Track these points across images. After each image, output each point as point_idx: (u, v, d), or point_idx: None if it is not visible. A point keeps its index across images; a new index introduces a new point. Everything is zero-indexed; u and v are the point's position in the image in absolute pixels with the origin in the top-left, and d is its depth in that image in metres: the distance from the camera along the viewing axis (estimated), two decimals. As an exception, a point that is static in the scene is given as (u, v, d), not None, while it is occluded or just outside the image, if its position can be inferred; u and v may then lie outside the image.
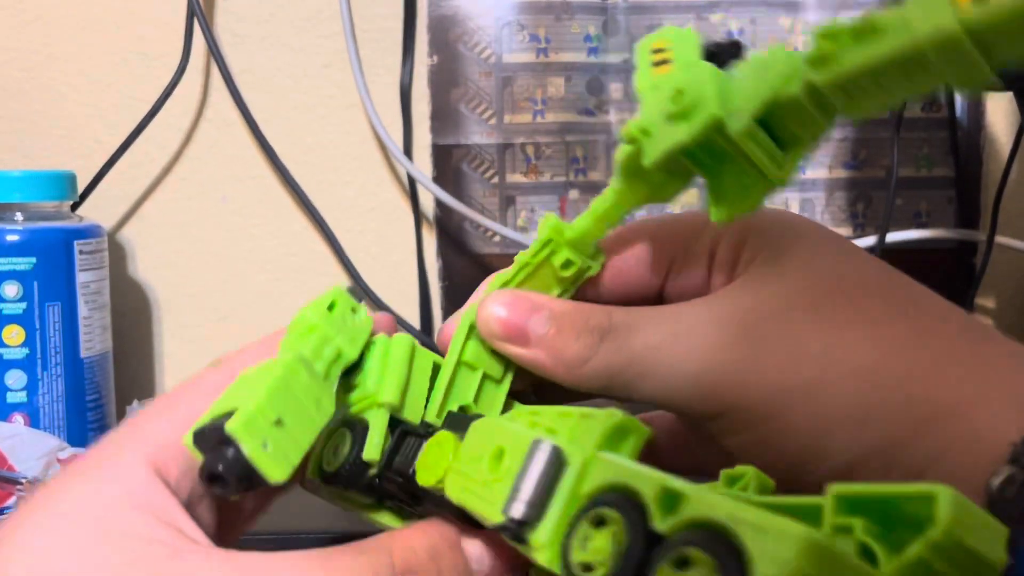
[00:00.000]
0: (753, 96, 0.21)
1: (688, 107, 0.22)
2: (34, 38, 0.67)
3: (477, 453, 0.22)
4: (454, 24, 0.65)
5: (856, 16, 0.19)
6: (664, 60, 0.24)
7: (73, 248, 0.56)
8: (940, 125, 0.65)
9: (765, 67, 0.21)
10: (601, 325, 0.25)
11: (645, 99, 0.24)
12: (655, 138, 0.23)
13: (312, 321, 0.25)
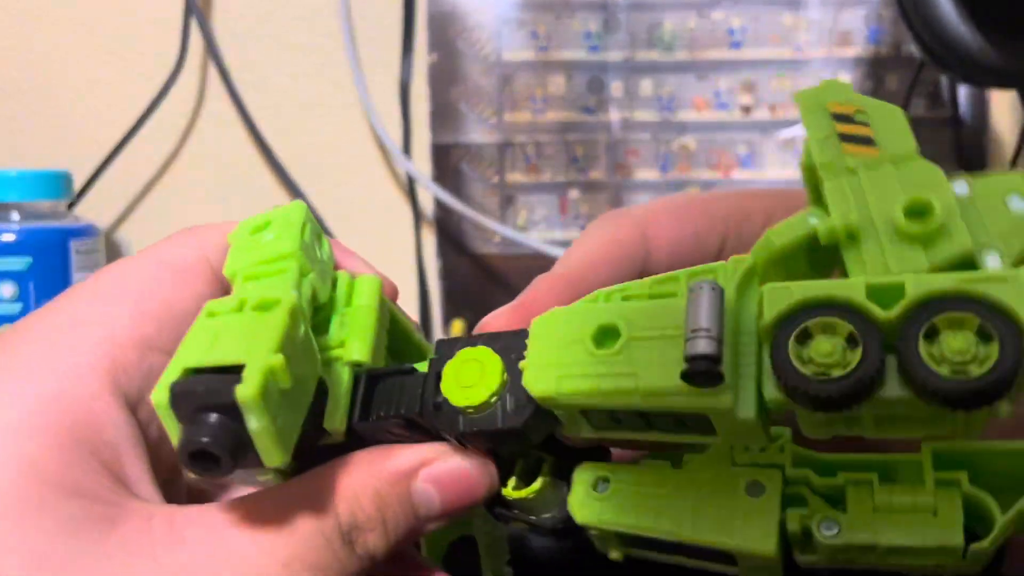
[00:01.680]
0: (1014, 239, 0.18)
1: (935, 233, 0.17)
2: (30, 36, 0.67)
3: (559, 343, 0.19)
4: (454, 21, 0.65)
5: None
6: (862, 137, 0.20)
7: (69, 248, 0.56)
8: (944, 124, 0.64)
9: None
10: None
11: (835, 183, 0.19)
12: (871, 254, 0.18)
13: (288, 249, 0.21)
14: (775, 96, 0.64)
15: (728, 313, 0.18)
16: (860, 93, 0.21)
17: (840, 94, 0.21)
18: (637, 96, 0.65)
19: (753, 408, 0.17)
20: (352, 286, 0.23)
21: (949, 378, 0.16)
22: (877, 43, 0.64)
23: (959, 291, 0.16)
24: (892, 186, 0.18)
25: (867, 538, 0.18)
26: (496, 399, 0.20)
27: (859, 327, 0.16)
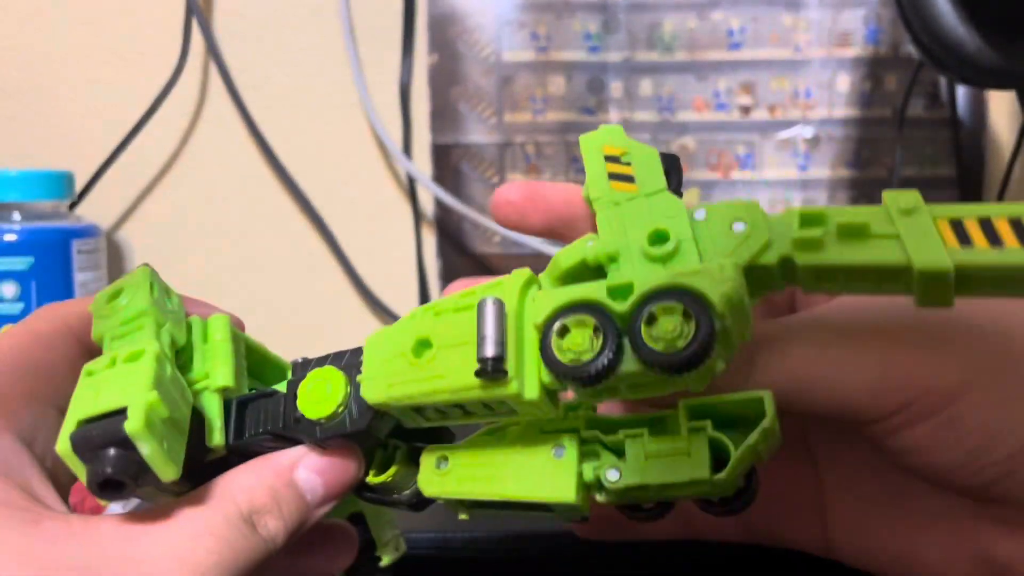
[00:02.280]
0: (736, 257, 0.21)
1: (670, 254, 0.22)
2: (32, 37, 0.67)
3: (386, 357, 0.24)
4: (454, 22, 0.65)
5: (845, 209, 0.21)
6: (624, 175, 0.24)
7: (71, 248, 0.56)
8: (943, 124, 0.65)
9: (746, 235, 0.22)
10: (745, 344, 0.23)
11: (604, 214, 0.24)
12: (625, 271, 0.22)
13: (142, 307, 0.24)
14: (774, 97, 0.65)
15: (512, 318, 0.22)
16: (631, 138, 0.26)
17: (614, 139, 0.25)
18: (637, 96, 0.65)
19: (537, 391, 0.22)
20: (205, 326, 0.26)
21: (663, 352, 0.20)
22: (876, 43, 0.64)
23: (669, 284, 0.21)
24: (644, 216, 0.23)
25: (640, 480, 0.23)
26: (343, 409, 0.24)
27: (600, 320, 0.21)
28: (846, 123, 0.65)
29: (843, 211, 0.21)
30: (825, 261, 0.21)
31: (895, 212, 0.20)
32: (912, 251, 0.20)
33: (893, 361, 0.23)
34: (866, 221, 0.21)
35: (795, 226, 0.21)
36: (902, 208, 0.20)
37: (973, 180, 0.65)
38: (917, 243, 0.20)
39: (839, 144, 0.65)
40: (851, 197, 0.65)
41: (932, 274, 0.20)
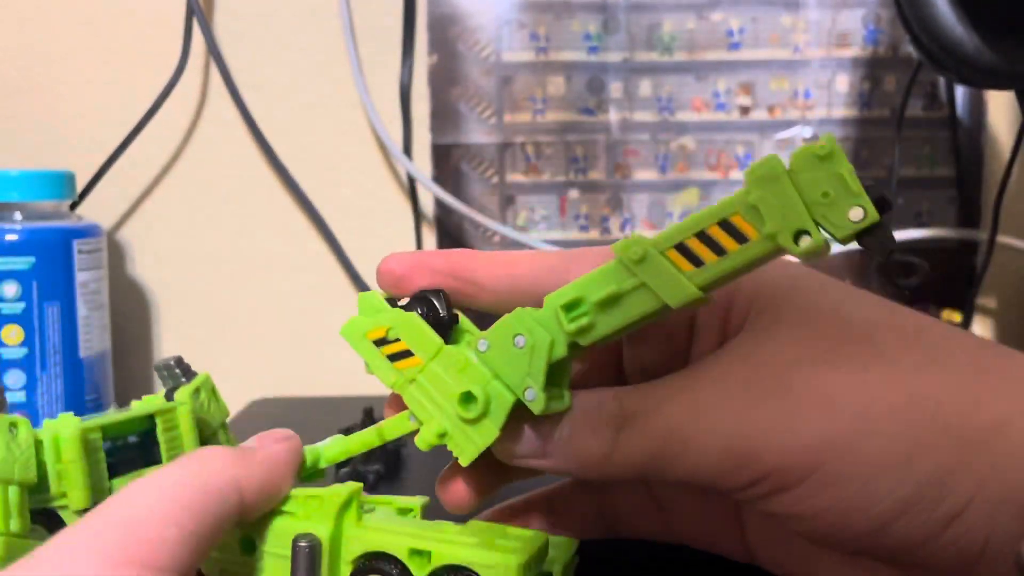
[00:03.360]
0: (534, 371, 0.23)
1: (485, 409, 0.24)
2: (33, 37, 0.67)
3: (226, 541, 0.25)
4: (454, 23, 0.65)
5: (591, 280, 0.23)
6: (402, 352, 0.25)
7: (72, 248, 0.56)
8: (941, 125, 0.65)
9: (531, 346, 0.23)
10: (613, 415, 0.24)
11: (409, 398, 0.25)
12: (464, 442, 0.24)
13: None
14: (774, 97, 0.65)
15: (327, 543, 0.24)
16: (391, 297, 0.27)
17: (373, 317, 0.26)
18: (636, 97, 0.65)
19: None
20: (55, 439, 0.25)
21: None
22: (875, 44, 0.64)
23: (460, 563, 0.23)
24: (441, 382, 0.25)
25: None
26: None
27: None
28: (845, 123, 0.65)
29: (591, 284, 0.23)
30: (601, 334, 0.23)
31: (630, 264, 0.22)
32: (662, 293, 0.22)
33: (742, 432, 0.23)
34: (614, 288, 0.22)
35: (563, 320, 0.23)
36: (634, 259, 0.22)
37: (972, 180, 0.65)
38: (662, 283, 0.22)
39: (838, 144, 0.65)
40: (850, 197, 0.65)
41: (685, 304, 0.22)
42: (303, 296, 0.68)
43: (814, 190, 0.21)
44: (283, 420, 0.60)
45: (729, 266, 0.21)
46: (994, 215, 0.61)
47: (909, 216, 0.65)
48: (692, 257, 0.22)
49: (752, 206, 0.21)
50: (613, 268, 0.23)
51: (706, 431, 0.23)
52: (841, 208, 0.21)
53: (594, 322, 0.23)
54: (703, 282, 0.22)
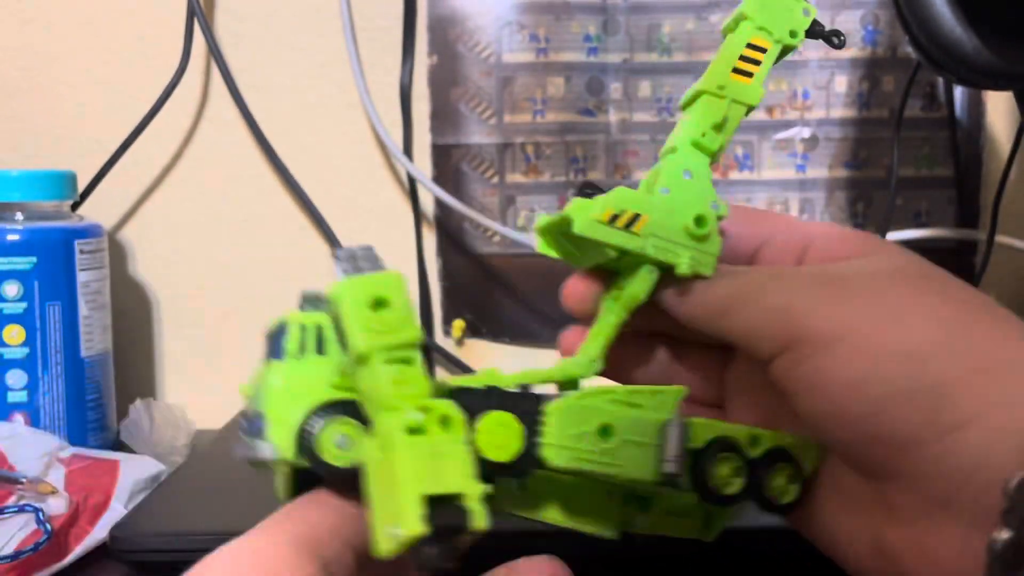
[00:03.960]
0: (707, 188, 0.30)
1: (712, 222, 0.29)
2: (34, 37, 0.67)
3: (571, 431, 0.26)
4: (454, 24, 0.65)
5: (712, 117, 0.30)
6: (631, 219, 0.29)
7: (73, 248, 0.57)
8: (940, 125, 0.65)
9: (697, 174, 0.30)
10: (723, 268, 0.29)
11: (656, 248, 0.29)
12: (703, 258, 0.29)
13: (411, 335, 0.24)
14: (772, 98, 0.65)
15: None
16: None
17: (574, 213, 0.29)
18: (636, 98, 0.65)
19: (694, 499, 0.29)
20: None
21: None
22: (873, 44, 0.65)
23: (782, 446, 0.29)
24: (669, 220, 0.29)
25: None
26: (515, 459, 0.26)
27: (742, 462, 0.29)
28: (844, 124, 0.65)
29: (707, 118, 0.30)
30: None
31: (717, 90, 0.31)
32: (746, 100, 0.31)
33: (784, 307, 0.26)
34: (720, 114, 0.31)
35: (706, 143, 0.30)
36: (721, 85, 0.31)
37: (971, 180, 0.65)
38: (742, 95, 0.31)
39: (837, 145, 0.65)
40: (849, 197, 0.65)
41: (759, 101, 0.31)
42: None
43: (780, 5, 0.31)
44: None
45: (765, 69, 0.31)
46: (993, 215, 0.61)
47: (908, 216, 0.65)
48: (745, 73, 0.31)
49: (761, 27, 0.31)
50: (707, 100, 0.30)
51: (778, 289, 0.27)
52: (798, 11, 0.31)
53: (721, 138, 0.30)
54: (759, 83, 0.31)
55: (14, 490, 0.47)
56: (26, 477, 0.48)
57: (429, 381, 0.23)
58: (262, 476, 0.29)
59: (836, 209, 0.65)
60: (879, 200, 0.65)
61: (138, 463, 0.52)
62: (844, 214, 0.65)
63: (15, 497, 0.47)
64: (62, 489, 0.48)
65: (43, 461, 0.50)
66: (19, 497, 0.47)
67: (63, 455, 0.51)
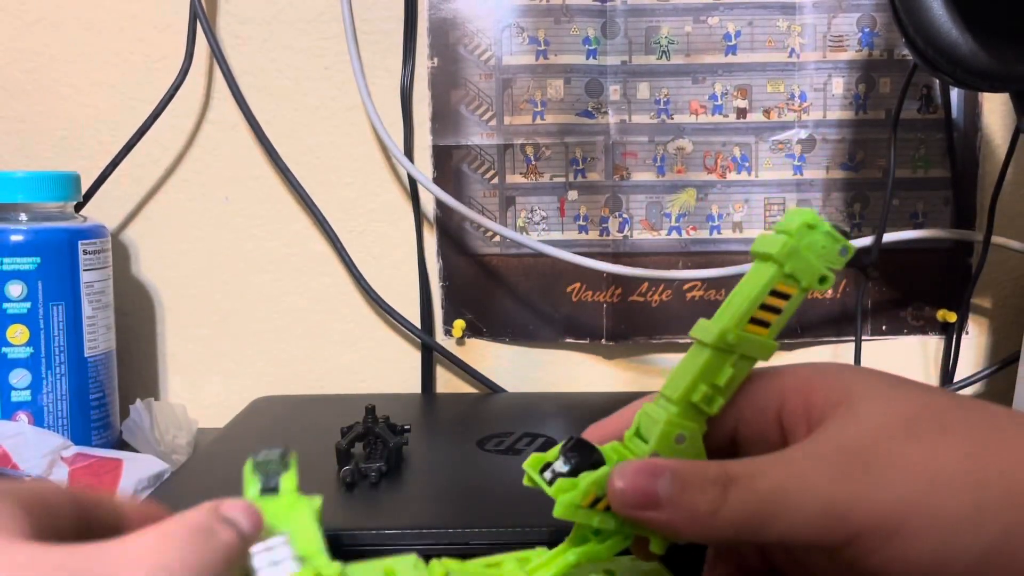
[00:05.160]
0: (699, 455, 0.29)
1: None
2: (37, 39, 0.68)
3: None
4: (454, 27, 0.66)
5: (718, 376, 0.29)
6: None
7: (77, 248, 0.57)
8: (937, 126, 0.65)
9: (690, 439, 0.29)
10: (721, 475, 0.27)
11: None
12: None
13: None
14: (770, 99, 0.65)
15: None
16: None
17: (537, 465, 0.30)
18: (635, 99, 0.66)
19: None
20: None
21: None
22: (870, 47, 0.65)
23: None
24: None
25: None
26: None
27: None
28: (841, 125, 0.65)
29: (708, 374, 0.29)
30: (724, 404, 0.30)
31: (727, 346, 0.29)
32: (756, 355, 0.29)
33: (836, 497, 0.26)
34: (730, 371, 0.29)
35: (704, 408, 0.29)
36: (731, 342, 0.29)
37: (967, 181, 0.66)
38: (754, 349, 0.29)
39: (834, 146, 0.66)
40: (846, 198, 0.66)
41: (771, 355, 0.29)
42: (305, 296, 0.69)
43: (815, 248, 0.29)
44: (284, 419, 0.61)
45: (785, 318, 0.29)
46: (989, 216, 0.61)
47: (905, 217, 0.66)
48: (762, 323, 0.29)
49: (788, 275, 0.29)
50: (712, 356, 0.29)
51: (806, 491, 0.26)
52: (834, 252, 0.29)
53: (722, 399, 0.29)
54: (774, 335, 0.29)
55: (19, 488, 0.47)
56: (30, 476, 0.48)
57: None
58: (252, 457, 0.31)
59: (833, 210, 0.66)
60: (876, 201, 0.65)
61: (141, 462, 0.52)
62: (841, 215, 0.66)
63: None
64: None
65: (47, 460, 0.51)
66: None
67: (66, 454, 0.52)
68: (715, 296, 0.66)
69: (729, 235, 0.66)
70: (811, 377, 0.29)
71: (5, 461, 0.50)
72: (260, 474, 0.30)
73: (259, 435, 0.57)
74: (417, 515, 0.42)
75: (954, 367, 0.66)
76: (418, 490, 0.44)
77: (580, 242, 0.66)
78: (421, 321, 0.68)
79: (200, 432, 0.62)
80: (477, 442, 0.51)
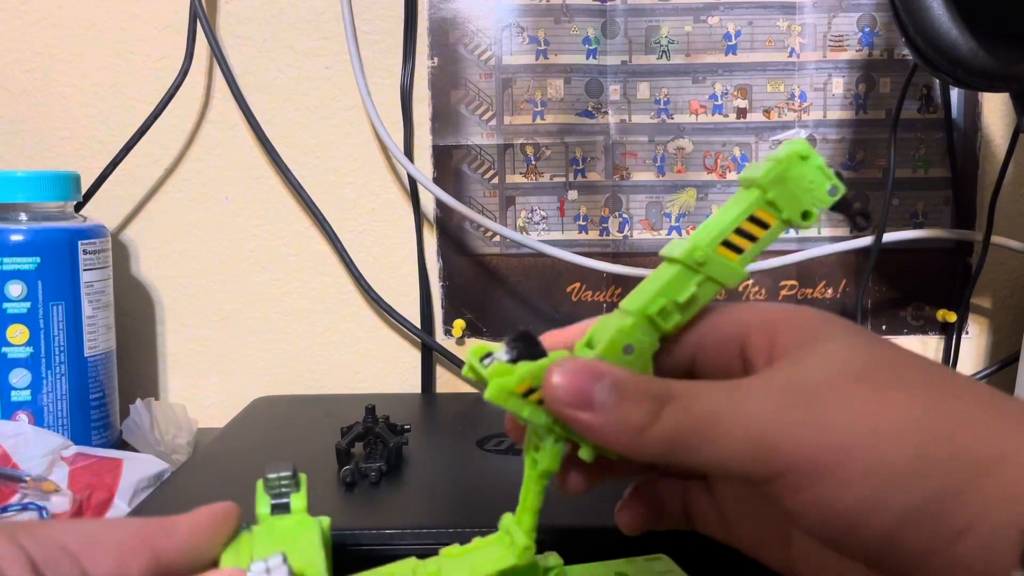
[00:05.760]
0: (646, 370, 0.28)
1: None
2: (38, 40, 0.68)
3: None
4: (454, 26, 0.66)
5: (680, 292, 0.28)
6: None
7: (77, 248, 0.57)
8: (937, 126, 0.65)
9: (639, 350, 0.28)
10: (662, 392, 0.26)
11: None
12: None
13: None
14: (770, 99, 0.65)
15: None
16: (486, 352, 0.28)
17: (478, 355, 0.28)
18: (635, 99, 0.66)
19: None
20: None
21: None
22: (870, 47, 0.65)
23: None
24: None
25: None
26: None
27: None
28: (841, 125, 0.65)
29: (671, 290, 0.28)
30: (684, 323, 0.29)
31: (695, 265, 0.28)
32: (723, 280, 0.28)
33: (772, 428, 0.25)
34: (693, 289, 0.28)
35: (659, 322, 0.28)
36: (699, 261, 0.28)
37: (967, 181, 0.66)
38: (721, 273, 0.28)
39: (834, 146, 0.66)
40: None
41: (740, 283, 0.28)
42: (305, 296, 0.69)
43: (804, 181, 0.27)
44: (283, 419, 0.61)
45: (760, 247, 0.28)
46: (989, 216, 0.61)
47: (905, 217, 0.66)
48: (735, 247, 0.28)
49: (770, 201, 0.27)
50: (679, 272, 0.28)
51: (741, 417, 0.25)
52: (822, 189, 0.27)
53: (680, 317, 0.28)
54: (745, 263, 0.28)
55: (18, 488, 0.47)
56: (30, 475, 0.48)
57: None
58: (262, 475, 0.31)
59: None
60: (876, 201, 0.65)
61: (141, 462, 0.52)
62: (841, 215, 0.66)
63: (19, 495, 0.47)
64: (65, 487, 0.48)
65: (47, 460, 0.51)
66: (23, 495, 0.47)
67: (66, 454, 0.52)
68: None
69: (729, 235, 0.66)
70: (779, 315, 0.28)
71: (5, 461, 0.50)
72: (271, 492, 0.30)
73: (259, 435, 0.57)
74: (417, 515, 0.42)
75: (954, 367, 0.66)
76: (418, 490, 0.44)
77: (580, 242, 0.66)
78: (421, 321, 0.68)
79: (200, 432, 0.62)
80: (477, 442, 0.51)
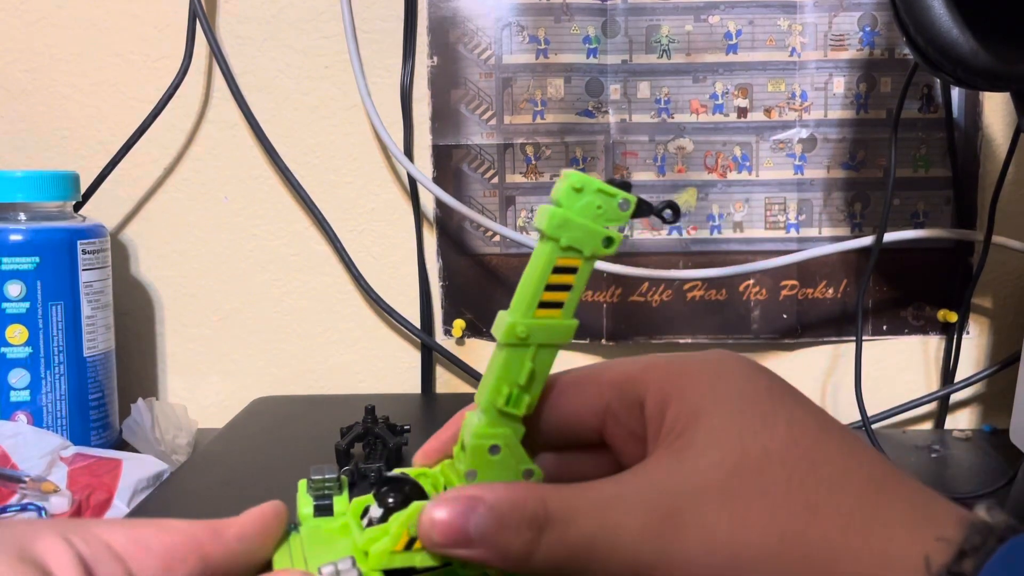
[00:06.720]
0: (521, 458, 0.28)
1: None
2: (37, 39, 0.68)
3: None
4: (454, 26, 0.66)
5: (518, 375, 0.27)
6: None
7: (76, 248, 0.57)
8: (937, 126, 0.65)
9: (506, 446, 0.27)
10: (538, 515, 0.26)
11: None
12: None
13: None
14: (771, 99, 0.65)
15: None
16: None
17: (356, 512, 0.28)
18: (635, 99, 0.66)
19: None
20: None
21: None
22: (871, 46, 0.65)
23: None
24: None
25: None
26: None
27: None
28: (841, 124, 0.65)
29: (509, 374, 0.27)
30: (536, 398, 0.28)
31: (519, 341, 0.27)
32: (555, 341, 0.27)
33: (640, 556, 0.25)
34: (528, 364, 0.27)
35: (511, 411, 0.27)
36: (522, 337, 0.27)
37: (968, 181, 0.66)
38: (551, 336, 0.27)
39: (835, 145, 0.65)
40: (846, 198, 0.66)
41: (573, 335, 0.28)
42: (305, 296, 0.69)
43: (590, 210, 0.26)
44: (283, 419, 0.61)
45: (577, 293, 0.27)
46: (990, 216, 0.61)
47: (905, 216, 0.66)
48: (553, 304, 0.27)
49: (566, 247, 0.26)
50: (509, 354, 0.27)
51: (615, 545, 0.25)
52: (613, 208, 0.26)
53: (529, 396, 0.27)
54: (570, 314, 0.27)
55: (17, 489, 0.47)
56: (29, 476, 0.48)
57: None
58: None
59: (834, 209, 0.66)
60: (876, 200, 0.65)
61: (141, 462, 0.52)
62: (842, 214, 0.66)
63: (18, 496, 0.47)
64: (64, 488, 0.48)
65: (46, 460, 0.51)
66: (22, 496, 0.47)
67: (66, 454, 0.52)
68: (715, 296, 0.65)
69: (730, 235, 0.66)
70: (674, 380, 0.28)
71: (4, 461, 0.50)
72: (314, 494, 0.30)
73: (259, 435, 0.57)
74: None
75: (955, 367, 0.66)
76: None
77: (580, 242, 0.66)
78: (421, 321, 0.68)
79: (200, 432, 0.62)
80: (477, 442, 0.51)
